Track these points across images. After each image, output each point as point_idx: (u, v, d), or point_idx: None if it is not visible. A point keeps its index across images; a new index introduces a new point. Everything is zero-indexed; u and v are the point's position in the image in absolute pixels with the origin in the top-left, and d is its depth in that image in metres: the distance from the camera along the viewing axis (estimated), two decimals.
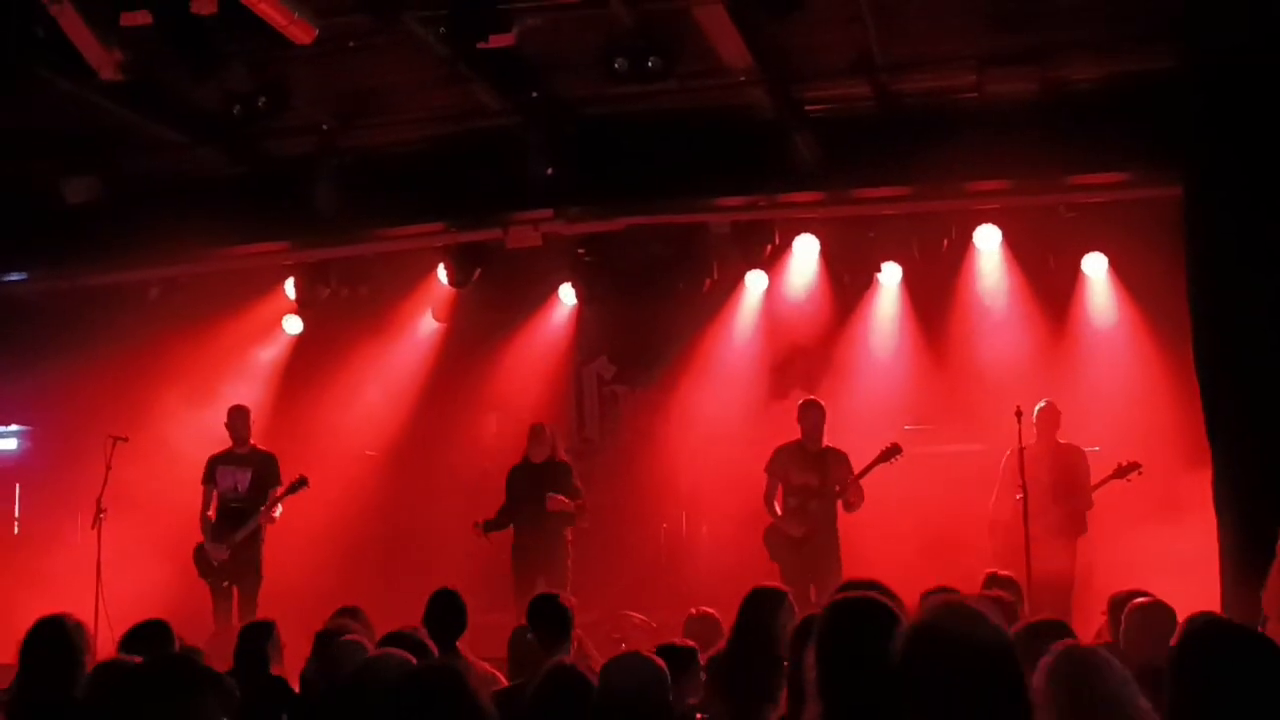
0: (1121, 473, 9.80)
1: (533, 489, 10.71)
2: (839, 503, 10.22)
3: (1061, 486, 10.02)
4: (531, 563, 10.57)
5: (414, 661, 4.63)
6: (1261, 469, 7.75)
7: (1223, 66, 8.23)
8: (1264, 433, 7.77)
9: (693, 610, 7.95)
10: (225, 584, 10.62)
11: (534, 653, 6.09)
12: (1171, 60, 8.54)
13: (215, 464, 10.99)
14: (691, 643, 5.78)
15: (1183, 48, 8.43)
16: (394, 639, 5.85)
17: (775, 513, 10.32)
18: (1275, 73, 8.00)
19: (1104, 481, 9.88)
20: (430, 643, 5.87)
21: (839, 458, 10.32)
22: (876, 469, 10.22)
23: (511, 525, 10.81)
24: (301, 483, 10.65)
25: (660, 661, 4.55)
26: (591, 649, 7.26)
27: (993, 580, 7.50)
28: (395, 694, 3.77)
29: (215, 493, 10.91)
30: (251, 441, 11.10)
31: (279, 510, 10.80)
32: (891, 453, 10.14)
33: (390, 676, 4.19)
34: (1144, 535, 9.95)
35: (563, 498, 10.63)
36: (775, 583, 6.45)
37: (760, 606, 5.77)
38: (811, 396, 10.68)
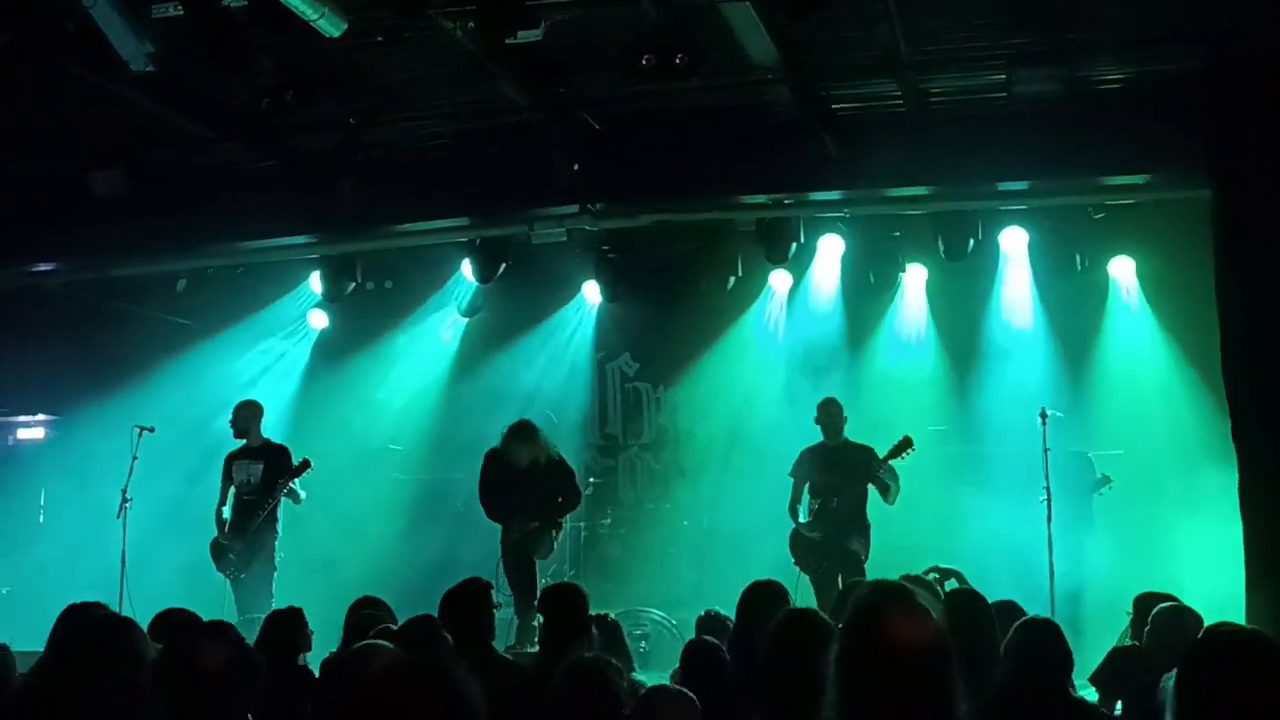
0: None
1: (527, 494, 10.31)
2: (869, 494, 10.18)
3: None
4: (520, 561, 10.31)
5: (403, 653, 4.57)
6: None
7: (1252, 67, 8.20)
8: None
9: (704, 611, 7.98)
10: (241, 575, 10.70)
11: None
12: (1200, 61, 8.48)
13: (231, 461, 11.10)
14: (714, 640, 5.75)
15: (1211, 48, 8.38)
16: (406, 627, 5.88)
17: (796, 519, 10.31)
18: None
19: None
20: (446, 635, 5.88)
21: (860, 451, 10.25)
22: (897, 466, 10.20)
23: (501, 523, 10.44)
24: (305, 465, 10.76)
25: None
26: (624, 638, 7.20)
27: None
28: (375, 687, 3.74)
29: (231, 488, 11.00)
30: (264, 436, 11.15)
31: (303, 493, 10.84)
32: (903, 447, 10.03)
33: (373, 669, 4.13)
34: (1167, 533, 9.92)
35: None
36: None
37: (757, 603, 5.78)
38: (829, 395, 10.65)
